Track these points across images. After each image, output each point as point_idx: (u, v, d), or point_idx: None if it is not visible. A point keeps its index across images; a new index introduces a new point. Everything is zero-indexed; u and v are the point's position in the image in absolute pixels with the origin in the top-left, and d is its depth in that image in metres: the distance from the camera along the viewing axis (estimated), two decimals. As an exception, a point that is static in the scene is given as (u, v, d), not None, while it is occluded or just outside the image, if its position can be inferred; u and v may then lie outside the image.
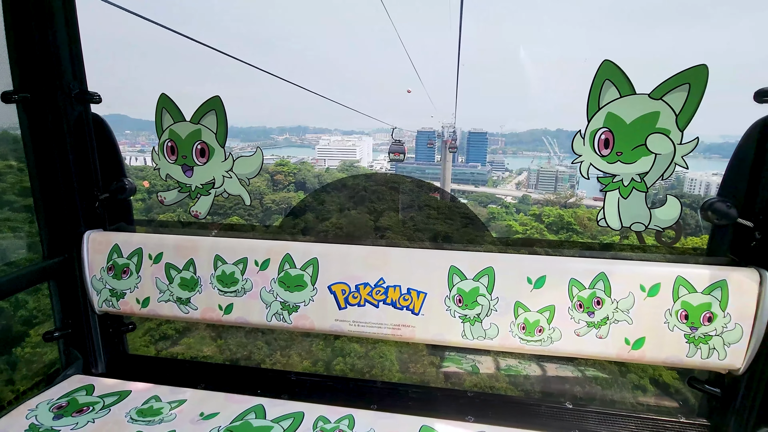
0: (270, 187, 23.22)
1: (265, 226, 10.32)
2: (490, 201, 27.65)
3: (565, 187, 30.74)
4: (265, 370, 1.82)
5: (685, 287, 1.41)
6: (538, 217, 16.57)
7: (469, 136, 40.74)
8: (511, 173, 37.77)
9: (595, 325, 1.47)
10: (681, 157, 1.39)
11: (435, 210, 12.21)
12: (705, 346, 1.42)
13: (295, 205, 15.55)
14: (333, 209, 10.72)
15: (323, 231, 10.01)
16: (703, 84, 1.33)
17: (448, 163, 31.07)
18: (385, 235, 10.62)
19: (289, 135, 39.64)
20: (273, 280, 1.65)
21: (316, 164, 31.90)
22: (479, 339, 1.54)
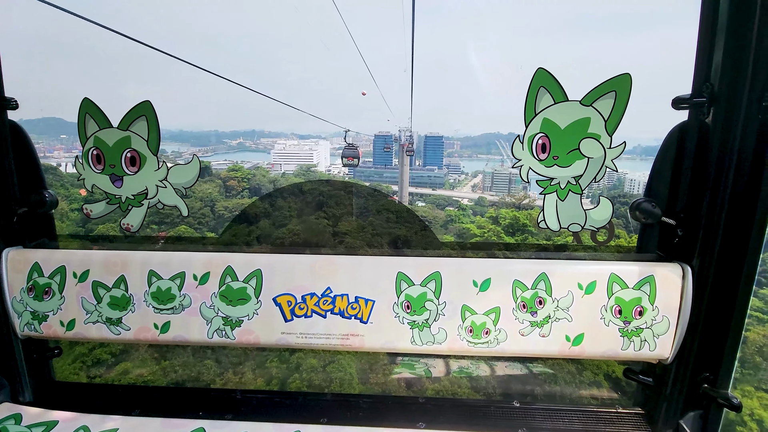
0: (222, 194, 22.21)
1: (202, 238, 9.92)
2: (448, 203, 28.21)
3: (518, 189, 32.06)
4: (208, 390, 1.72)
5: (618, 284, 1.49)
6: (495, 219, 16.92)
7: (425, 139, 41.49)
8: (467, 176, 38.83)
9: (538, 324, 1.51)
10: (611, 160, 1.47)
11: (393, 214, 12.24)
12: (637, 338, 1.50)
13: (241, 212, 14.83)
14: (290, 215, 10.46)
15: (280, 238, 9.73)
16: (628, 91, 1.40)
17: (405, 167, 31.46)
18: (344, 240, 10.52)
19: (243, 139, 38.42)
20: (214, 295, 1.56)
21: (272, 169, 30.84)
22: (428, 344, 1.54)
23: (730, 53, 1.33)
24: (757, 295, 10.76)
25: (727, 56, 1.34)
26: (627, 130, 1.51)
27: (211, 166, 23.39)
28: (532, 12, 70.74)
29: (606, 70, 1.44)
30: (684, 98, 1.43)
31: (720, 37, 1.35)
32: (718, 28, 1.35)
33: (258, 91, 26.50)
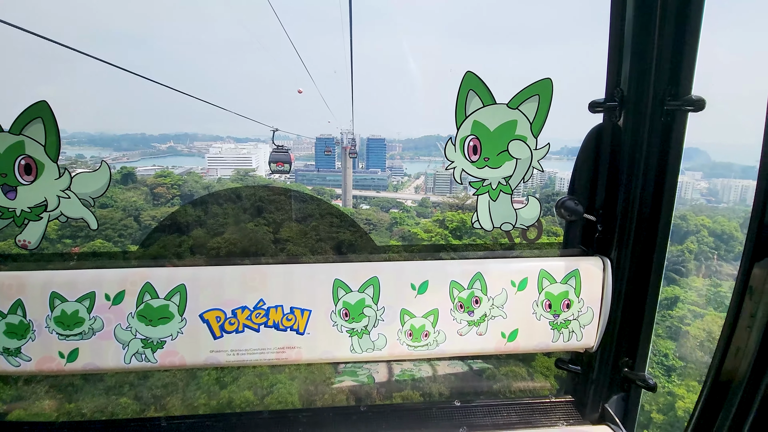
0: (150, 202, 20.28)
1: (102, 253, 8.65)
2: (392, 205, 28.40)
3: (460, 190, 33.12)
4: (128, 421, 1.55)
5: (547, 279, 1.55)
6: (442, 222, 16.97)
7: (368, 142, 41.62)
8: (410, 178, 39.48)
9: (475, 323, 1.54)
10: (537, 161, 1.53)
11: (338, 218, 12.03)
12: (566, 330, 1.57)
13: (168, 219, 13.45)
14: (225, 222, 9.91)
15: (214, 248, 9.18)
16: (550, 95, 1.47)
17: (348, 170, 31.28)
18: (285, 248, 10.17)
19: (174, 143, 35.94)
20: (130, 315, 1.41)
21: (206, 174, 28.80)
22: (368, 351, 1.51)
23: (635, 62, 1.44)
24: (691, 288, 11.83)
25: (633, 65, 1.44)
26: (556, 132, 1.58)
27: (135, 171, 21.22)
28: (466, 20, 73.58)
29: (532, 78, 1.50)
30: (599, 102, 1.53)
31: (627, 48, 1.45)
32: (625, 41, 1.46)
33: (185, 92, 24.34)
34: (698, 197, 18.65)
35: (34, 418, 2.81)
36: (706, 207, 16.44)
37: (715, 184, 19.19)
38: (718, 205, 17.55)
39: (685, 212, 14.05)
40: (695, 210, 14.58)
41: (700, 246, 13.03)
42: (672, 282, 11.42)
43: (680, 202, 16.05)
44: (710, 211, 14.92)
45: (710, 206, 17.26)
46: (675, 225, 1.55)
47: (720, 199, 18.34)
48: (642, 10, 1.40)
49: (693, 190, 18.80)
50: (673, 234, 1.52)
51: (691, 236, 13.10)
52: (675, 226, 3.01)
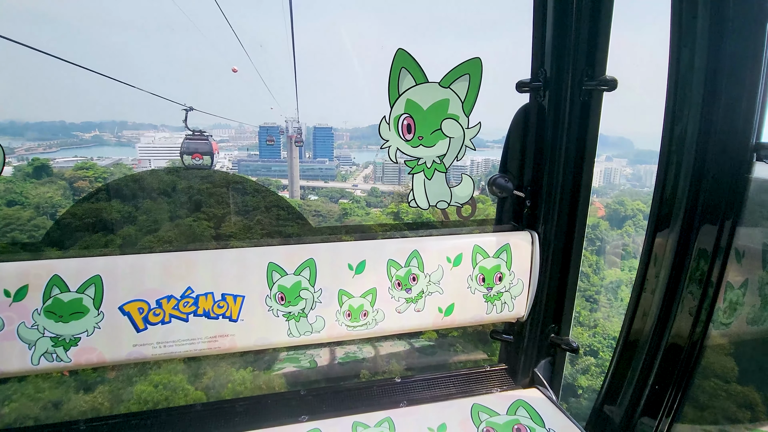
0: (69, 198, 17.93)
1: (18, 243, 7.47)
2: (341, 195, 28.07)
3: (408, 180, 33.35)
4: (41, 427, 1.41)
5: (481, 254, 1.61)
6: (396, 215, 16.39)
7: (314, 131, 40.75)
8: (358, 167, 39.28)
9: (413, 300, 1.56)
10: (469, 139, 1.56)
11: (284, 210, 11.65)
12: (498, 302, 1.65)
13: (64, 214, 11.72)
14: (161, 218, 9.21)
15: (147, 248, 8.50)
16: (479, 74, 1.50)
17: (294, 160, 30.41)
18: (229, 244, 9.65)
19: (99, 132, 32.83)
20: (36, 312, 1.27)
21: (138, 166, 26.41)
22: (306, 334, 1.48)
23: (556, 44, 1.51)
24: (632, 269, 12.59)
25: (554, 46, 1.51)
26: (492, 115, 1.62)
27: (51, 164, 18.70)
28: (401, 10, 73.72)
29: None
30: (525, 82, 1.59)
31: (549, 29, 1.52)
32: (547, 22, 1.52)
33: (108, 75, 21.22)
34: (625, 182, 20.29)
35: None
36: (634, 191, 17.76)
37: (639, 170, 21.02)
38: (642, 189, 19.16)
39: (623, 197, 14.82)
40: (631, 195, 15.57)
41: (637, 229, 13.93)
42: (613, 265, 11.95)
43: (610, 186, 17.16)
44: (637, 195, 16.09)
45: (636, 190, 18.65)
46: (614, 210, 1.68)
47: (644, 184, 20.11)
48: (562, -7, 1.47)
49: (621, 175, 20.42)
50: (612, 219, 1.64)
51: (629, 220, 13.97)
52: (614, 210, 3.24)
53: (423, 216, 2.03)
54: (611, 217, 12.09)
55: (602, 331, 9.37)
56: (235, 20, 31.87)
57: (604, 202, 13.09)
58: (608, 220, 11.83)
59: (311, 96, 70.87)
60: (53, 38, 60.30)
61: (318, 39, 73.44)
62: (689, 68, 1.28)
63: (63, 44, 58.54)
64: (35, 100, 41.16)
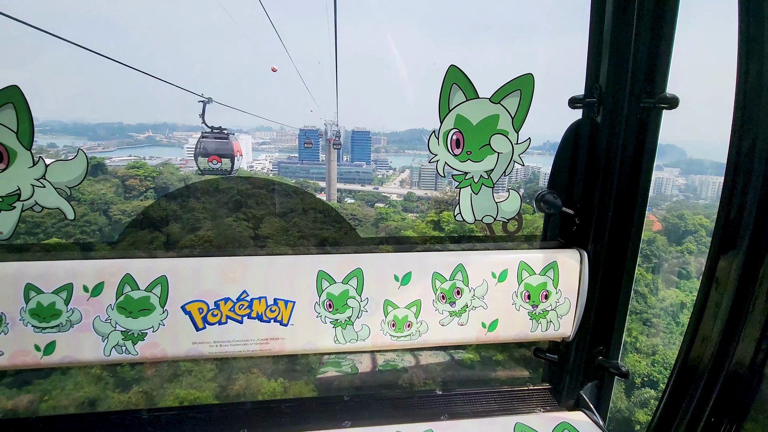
0: (121, 195, 18.76)
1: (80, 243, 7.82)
2: (377, 200, 28.24)
3: (445, 184, 33.09)
4: (108, 414, 1.53)
5: (527, 270, 1.59)
6: (437, 224, 15.12)
7: (352, 134, 41.41)
8: (395, 171, 39.45)
9: (456, 313, 1.57)
10: (518, 155, 1.56)
11: (321, 213, 11.72)
12: (544, 320, 1.62)
13: (142, 214, 12.19)
14: (203, 217, 9.58)
15: (187, 246, 8.87)
16: (531, 90, 1.50)
17: (332, 163, 30.99)
18: (266, 245, 9.85)
19: (152, 133, 34.97)
20: (110, 307, 1.39)
21: (185, 166, 27.39)
22: (351, 342, 1.52)
23: (613, 59, 1.48)
24: (693, 291, 11.34)
25: (611, 62, 1.48)
26: (538, 127, 1.61)
27: (105, 162, 19.54)
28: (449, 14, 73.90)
29: (513, 71, 1.53)
30: (578, 98, 1.57)
31: (606, 45, 1.49)
32: (604, 38, 1.49)
33: (163, 79, 22.90)
34: (677, 193, 18.95)
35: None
36: (690, 203, 16.38)
37: (693, 180, 19.64)
38: (698, 200, 17.74)
39: (682, 211, 13.35)
40: (687, 207, 14.22)
41: (699, 246, 12.44)
42: (671, 285, 10.84)
43: (660, 197, 15.97)
44: (695, 207, 14.69)
45: (692, 202, 17.17)
46: (672, 224, 1.60)
47: (699, 195, 18.74)
48: (620, 8, 1.44)
49: (673, 186, 19.10)
50: (670, 234, 1.58)
51: (689, 236, 12.48)
52: (672, 225, 3.07)
53: (465, 227, 2.03)
54: (669, 232, 11.00)
55: (662, 360, 8.58)
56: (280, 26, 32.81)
57: (659, 215, 12.13)
58: (666, 235, 10.83)
59: (350, 99, 71.98)
60: (118, 46, 64.82)
61: (359, 44, 74.62)
62: (758, 80, 1.22)
63: (126, 52, 62.66)
64: (98, 103, 43.99)
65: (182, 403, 3.79)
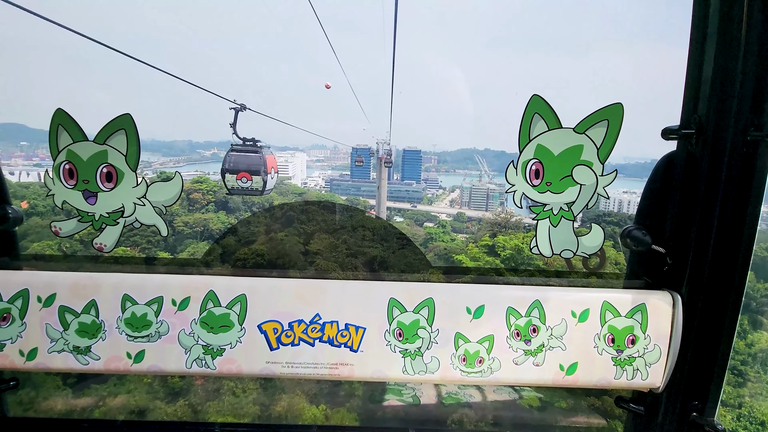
0: (185, 207, 19.91)
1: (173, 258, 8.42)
2: (426, 219, 28.04)
3: (496, 204, 32.22)
4: (182, 423, 1.60)
5: (611, 311, 1.48)
6: (492, 249, 14.12)
7: (403, 153, 41.83)
8: (445, 191, 39.19)
9: (532, 353, 1.49)
10: (603, 187, 1.48)
11: (370, 231, 11.74)
12: (629, 367, 1.49)
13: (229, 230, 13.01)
14: (258, 231, 9.95)
15: (240, 259, 9.18)
16: (620, 120, 1.42)
17: (383, 181, 31.35)
18: (315, 261, 9.98)
19: (217, 150, 37.63)
20: (194, 321, 1.46)
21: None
22: (420, 373, 1.48)
23: (717, 87, 1.37)
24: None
25: (714, 90, 1.37)
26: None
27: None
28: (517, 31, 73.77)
29: (597, 93, 1.46)
30: (673, 129, 1.47)
31: (707, 71, 1.39)
32: (705, 63, 1.39)
33: (228, 99, 24.05)
34: (766, 228, 16.98)
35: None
36: None
37: (784, 210, 17.49)
38: (791, 233, 15.61)
39: None
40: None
41: None
42: (759, 326, 9.44)
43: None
44: None
45: None
46: (762, 258, 1.41)
47: (791, 228, 16.61)
48: (725, 35, 1.34)
49: (762, 217, 17.09)
50: (759, 269, 1.42)
51: None
52: (761, 259, 2.72)
53: (528, 256, 1.94)
54: (758, 267, 9.66)
55: (749, 413, 7.46)
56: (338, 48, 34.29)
57: (752, 248, 10.80)
58: (754, 270, 9.65)
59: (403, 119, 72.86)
60: (190, 68, 71.14)
61: (413, 64, 75.77)
62: None
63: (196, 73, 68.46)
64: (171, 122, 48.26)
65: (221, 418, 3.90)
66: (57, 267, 1.55)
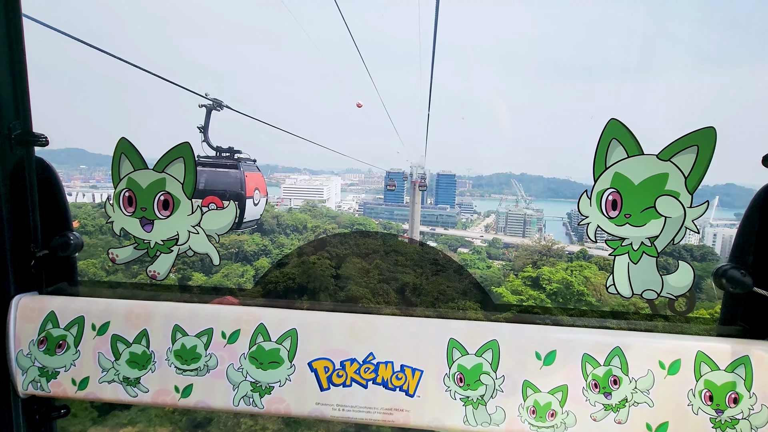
0: None
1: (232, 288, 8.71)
2: (460, 244, 27.43)
3: (533, 230, 31.18)
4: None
5: (707, 364, 1.29)
6: (536, 282, 13.06)
7: (437, 177, 41.69)
8: (479, 215, 38.47)
9: (612, 408, 1.31)
10: (692, 221, 1.31)
11: (403, 256, 11.49)
12: (732, 430, 1.28)
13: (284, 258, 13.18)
14: (280, 253, 10.06)
15: (272, 282, 9.21)
16: (712, 146, 1.27)
17: (417, 205, 31.18)
18: (346, 286, 9.86)
19: (258, 171, 39.25)
20: (243, 356, 1.40)
21: (280, 204, 29.58)
22: (484, 425, 1.34)
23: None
24: None
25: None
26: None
27: None
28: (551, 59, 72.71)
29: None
30: (776, 156, 1.29)
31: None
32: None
33: (266, 122, 25.02)
34: None
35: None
36: None
37: None
38: None
39: None
40: None
41: None
42: None
43: None
44: None
45: None
46: None
47: None
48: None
49: None
50: None
51: None
52: None
53: (578, 291, 1.75)
54: None
55: None
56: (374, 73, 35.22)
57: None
58: None
59: (437, 142, 72.94)
60: (223, 91, 75.25)
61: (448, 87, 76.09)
62: None
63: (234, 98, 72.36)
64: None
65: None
66: (112, 294, 1.54)
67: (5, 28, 1.39)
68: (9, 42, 1.40)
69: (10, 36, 1.40)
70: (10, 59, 1.41)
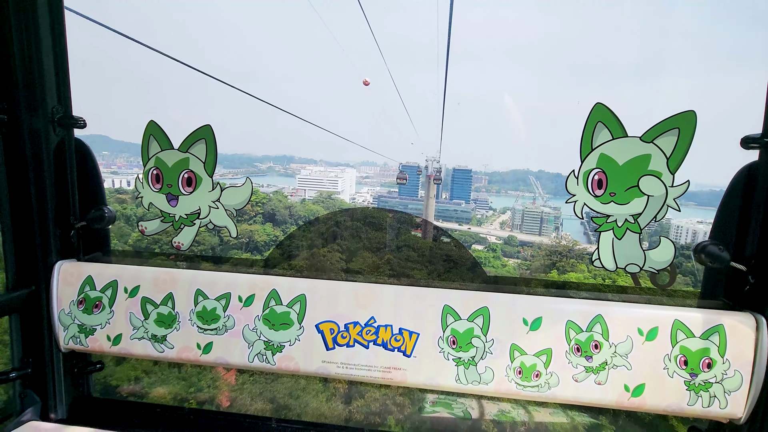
0: (233, 217, 20.94)
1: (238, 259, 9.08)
2: (475, 241, 27.23)
3: (550, 228, 30.71)
4: (244, 416, 1.68)
5: (683, 331, 1.39)
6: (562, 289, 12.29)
7: (453, 172, 41.46)
8: (495, 212, 38.11)
9: (593, 370, 1.42)
10: (673, 199, 1.40)
11: (415, 251, 11.47)
12: (705, 393, 1.37)
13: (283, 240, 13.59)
14: (303, 245, 10.23)
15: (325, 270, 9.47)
16: (692, 129, 1.36)
17: (431, 200, 31.11)
18: (356, 280, 9.91)
19: (273, 164, 39.67)
20: (257, 318, 1.55)
21: (295, 195, 29.79)
22: (474, 384, 1.46)
23: (805, 93, 1.27)
24: None
25: (803, 96, 1.28)
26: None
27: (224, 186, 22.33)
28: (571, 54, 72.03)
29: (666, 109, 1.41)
30: (754, 138, 1.37)
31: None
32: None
33: (288, 111, 25.13)
34: None
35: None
36: None
37: None
38: None
39: None
40: None
41: None
42: None
43: None
44: None
45: None
46: None
47: None
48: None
49: None
50: None
51: None
52: None
53: (581, 269, 1.85)
54: None
55: None
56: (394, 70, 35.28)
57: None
58: None
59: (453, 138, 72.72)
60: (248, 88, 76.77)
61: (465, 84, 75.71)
62: None
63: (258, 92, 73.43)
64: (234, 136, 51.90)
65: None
66: (140, 262, 1.72)
67: (49, 21, 1.56)
68: (53, 34, 1.57)
69: (53, 28, 1.57)
70: (54, 50, 1.58)
